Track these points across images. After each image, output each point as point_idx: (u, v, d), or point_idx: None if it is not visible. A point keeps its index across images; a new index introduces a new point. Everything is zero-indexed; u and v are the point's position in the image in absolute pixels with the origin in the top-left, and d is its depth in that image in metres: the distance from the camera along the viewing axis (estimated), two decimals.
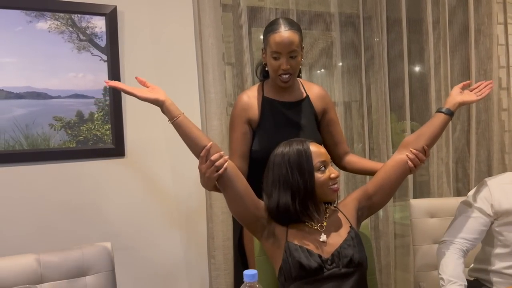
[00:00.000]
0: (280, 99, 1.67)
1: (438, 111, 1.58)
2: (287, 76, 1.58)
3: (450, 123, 2.67)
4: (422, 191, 2.74)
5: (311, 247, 1.30)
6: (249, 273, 0.91)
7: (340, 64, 2.48)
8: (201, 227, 2.16)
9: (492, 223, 1.58)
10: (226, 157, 1.33)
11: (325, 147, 1.78)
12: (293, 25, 1.57)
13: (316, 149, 1.36)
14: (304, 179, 1.32)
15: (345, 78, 2.55)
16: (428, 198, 2.61)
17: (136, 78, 1.40)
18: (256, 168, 1.65)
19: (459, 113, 2.81)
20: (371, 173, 1.66)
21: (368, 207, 1.48)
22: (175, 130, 1.67)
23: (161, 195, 2.09)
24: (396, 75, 2.63)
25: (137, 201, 2.05)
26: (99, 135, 1.98)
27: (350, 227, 1.38)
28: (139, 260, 2.04)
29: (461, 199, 2.09)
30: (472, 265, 1.73)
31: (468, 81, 1.71)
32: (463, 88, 1.64)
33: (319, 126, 1.76)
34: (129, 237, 2.02)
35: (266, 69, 1.66)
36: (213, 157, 1.30)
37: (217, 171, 1.29)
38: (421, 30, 2.68)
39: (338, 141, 1.77)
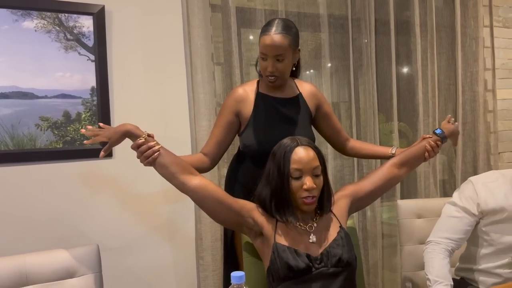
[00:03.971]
0: (274, 95, 1.69)
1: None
2: (272, 78, 1.60)
3: (436, 125, 2.73)
4: (409, 192, 2.76)
5: (299, 247, 1.31)
6: (236, 275, 0.91)
7: (329, 65, 2.49)
8: (190, 228, 2.15)
9: (477, 222, 1.59)
10: (157, 147, 1.43)
11: (326, 138, 1.86)
12: (286, 28, 1.56)
13: (298, 153, 1.32)
14: (281, 182, 1.32)
15: (333, 79, 2.56)
16: (415, 198, 2.63)
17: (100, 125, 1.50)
18: (249, 163, 1.66)
19: (445, 115, 2.83)
20: (377, 158, 1.92)
21: (356, 207, 1.53)
22: (163, 131, 1.70)
23: (149, 195, 2.08)
24: (384, 76, 2.65)
25: (124, 202, 2.03)
26: (86, 135, 1.96)
27: (340, 226, 1.38)
28: (126, 262, 2.03)
29: (447, 199, 2.11)
30: (458, 264, 1.74)
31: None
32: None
33: (315, 121, 1.79)
34: (116, 238, 2.01)
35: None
36: (141, 149, 1.43)
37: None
38: (409, 32, 2.71)
39: (337, 130, 1.84)
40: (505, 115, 3.03)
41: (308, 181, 1.30)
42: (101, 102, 1.97)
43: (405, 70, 2.82)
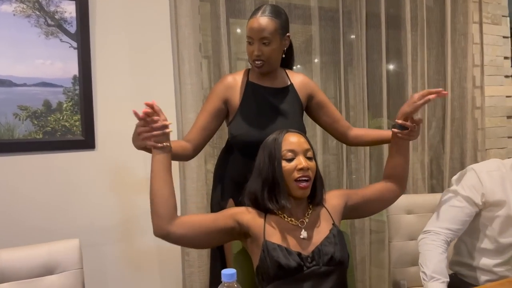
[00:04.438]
0: (263, 84, 1.64)
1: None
2: (259, 62, 1.56)
3: (426, 120, 2.72)
4: None
5: (290, 244, 1.26)
6: (227, 273, 0.85)
7: (318, 59, 2.44)
8: None
9: (477, 214, 1.53)
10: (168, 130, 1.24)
11: (326, 128, 1.79)
12: (274, 13, 1.54)
13: (289, 138, 1.30)
14: (273, 167, 1.28)
15: (323, 73, 2.52)
16: (404, 194, 2.61)
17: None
18: (238, 154, 1.61)
19: (434, 111, 2.83)
20: (384, 142, 1.71)
21: (350, 211, 1.44)
22: None
23: (133, 189, 2.01)
24: (374, 71, 2.63)
25: (107, 195, 1.96)
26: (68, 126, 1.88)
27: (333, 224, 1.34)
28: (109, 258, 1.95)
29: (438, 195, 2.09)
30: (452, 257, 1.68)
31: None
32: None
33: (311, 112, 1.75)
34: (99, 233, 1.93)
35: None
36: (155, 125, 1.22)
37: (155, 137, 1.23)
38: (399, 26, 2.68)
39: (336, 119, 1.76)
40: (492, 112, 3.03)
41: (302, 160, 1.27)
42: (83, 92, 1.89)
43: (395, 65, 2.80)
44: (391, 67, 2.78)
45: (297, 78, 1.71)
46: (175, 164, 2.03)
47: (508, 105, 3.11)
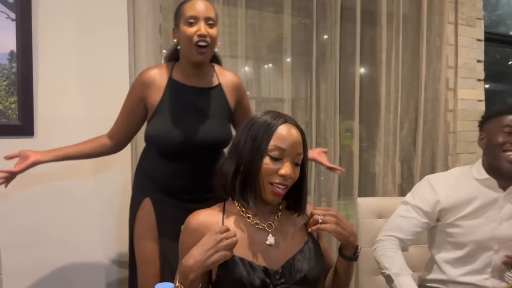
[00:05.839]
0: (188, 83, 1.49)
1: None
2: (204, 44, 1.40)
3: (398, 121, 2.61)
4: (366, 190, 2.63)
5: (255, 255, 1.07)
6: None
7: (290, 52, 2.28)
8: (125, 221, 1.87)
9: (436, 225, 1.50)
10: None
11: None
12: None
13: (284, 132, 1.08)
14: (253, 156, 1.08)
15: (294, 65, 2.37)
16: (374, 197, 2.49)
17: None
18: (156, 156, 1.48)
19: (407, 111, 2.73)
20: None
21: None
22: (97, 107, 1.54)
23: (77, 182, 1.78)
24: (347, 67, 2.50)
25: (46, 188, 1.73)
26: (1, 108, 1.65)
27: (309, 234, 1.15)
28: (41, 261, 1.72)
29: None
30: (422, 274, 1.60)
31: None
32: None
33: (234, 116, 1.60)
34: (31, 232, 1.70)
35: (178, 47, 1.47)
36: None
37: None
38: (375, 22, 2.57)
39: None
40: (464, 116, 2.96)
41: (286, 167, 1.07)
42: (21, 70, 1.68)
43: (369, 62, 2.67)
44: (365, 63, 2.65)
45: (227, 76, 1.56)
46: (126, 155, 1.84)
47: (479, 109, 3.05)
